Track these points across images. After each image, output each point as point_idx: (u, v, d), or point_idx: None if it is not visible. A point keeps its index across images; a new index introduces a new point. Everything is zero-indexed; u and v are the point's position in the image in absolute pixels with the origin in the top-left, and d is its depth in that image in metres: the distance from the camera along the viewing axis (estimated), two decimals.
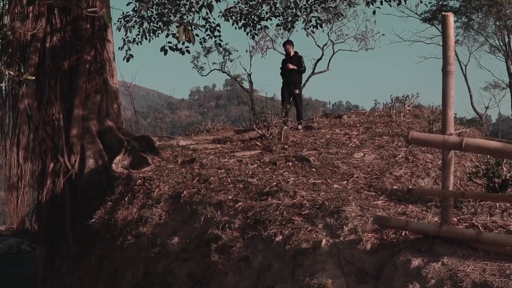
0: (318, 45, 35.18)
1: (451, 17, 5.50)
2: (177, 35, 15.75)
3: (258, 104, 36.23)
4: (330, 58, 37.40)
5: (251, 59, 48.78)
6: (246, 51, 40.15)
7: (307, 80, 32.40)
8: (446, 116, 5.57)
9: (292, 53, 13.84)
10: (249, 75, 37.25)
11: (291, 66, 13.61)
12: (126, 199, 9.86)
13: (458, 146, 5.42)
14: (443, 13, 5.65)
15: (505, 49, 33.13)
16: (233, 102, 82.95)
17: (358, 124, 13.58)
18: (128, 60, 16.41)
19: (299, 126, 13.30)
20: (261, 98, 43.14)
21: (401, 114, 13.95)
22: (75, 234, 11.19)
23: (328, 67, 35.72)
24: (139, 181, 10.10)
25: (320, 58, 34.87)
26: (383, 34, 51.06)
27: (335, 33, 37.29)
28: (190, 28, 7.40)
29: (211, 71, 39.74)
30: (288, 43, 14.07)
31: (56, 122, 12.11)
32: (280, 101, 15.08)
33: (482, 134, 15.14)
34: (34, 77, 7.23)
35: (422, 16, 34.14)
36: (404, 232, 6.08)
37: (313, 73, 33.52)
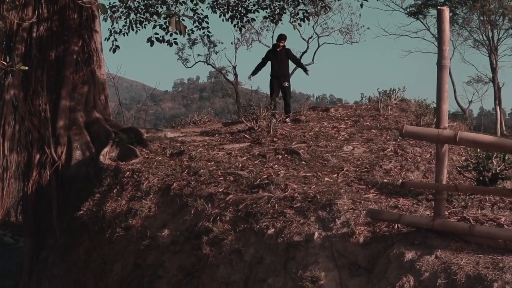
0: (303, 38, 35.33)
1: (446, 12, 5.51)
2: (164, 26, 15.78)
3: (243, 96, 36.23)
4: (315, 51, 37.54)
5: (236, 52, 48.55)
6: (232, 43, 40.16)
7: (292, 72, 32.49)
8: (440, 110, 5.59)
9: (280, 47, 13.86)
10: (234, 67, 37.26)
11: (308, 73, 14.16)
12: (114, 191, 9.79)
13: (452, 140, 5.45)
14: (438, 7, 5.66)
15: (488, 44, 33.43)
16: (217, 94, 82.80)
17: (345, 118, 13.62)
18: (114, 51, 16.29)
19: (287, 119, 13.30)
20: (245, 91, 43.13)
21: (388, 107, 14.01)
22: (62, 226, 11.11)
23: (313, 60, 35.85)
24: (128, 173, 10.03)
25: (305, 51, 35.00)
26: (368, 28, 51.34)
27: (321, 26, 37.48)
28: (182, 19, 7.33)
29: (196, 63, 39.63)
30: (284, 39, 14.01)
31: (43, 113, 11.97)
32: (265, 93, 15.10)
33: (467, 128, 15.25)
34: (27, 67, 7.09)
35: (408, 10, 34.34)
36: (396, 225, 6.11)
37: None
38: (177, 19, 7.66)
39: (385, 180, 8.27)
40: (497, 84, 33.35)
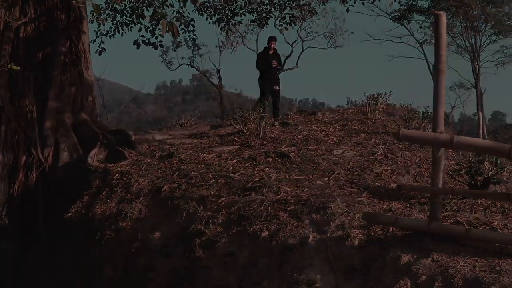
0: (288, 42, 35.40)
1: (443, 17, 5.54)
2: (150, 28, 15.69)
3: (227, 99, 36.26)
4: (299, 55, 37.64)
5: (220, 54, 48.59)
6: (216, 46, 40.20)
7: None
8: (437, 114, 5.61)
9: (272, 50, 13.89)
10: (218, 70, 37.26)
11: (276, 64, 13.72)
12: (103, 193, 9.70)
13: (449, 144, 5.48)
14: (435, 12, 5.70)
15: (471, 50, 33.78)
16: (200, 97, 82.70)
17: (333, 121, 13.64)
18: (100, 54, 16.14)
19: (276, 122, 13.31)
20: (229, 94, 43.16)
21: (376, 111, 14.07)
22: (48, 229, 10.98)
23: (297, 64, 35.97)
24: (117, 175, 9.95)
25: (290, 55, 35.11)
26: (352, 33, 51.70)
27: (305, 30, 37.56)
28: (178, 21, 7.31)
29: (180, 65, 39.53)
30: (274, 39, 14.03)
31: (30, 114, 11.81)
32: (248, 96, 15.11)
33: (453, 133, 15.36)
34: (18, 67, 7.02)
35: (392, 15, 34.59)
36: (391, 228, 6.13)
37: (282, 69, 33.65)
38: (169, 20, 7.64)
39: (376, 184, 8.30)
40: (480, 90, 33.70)
